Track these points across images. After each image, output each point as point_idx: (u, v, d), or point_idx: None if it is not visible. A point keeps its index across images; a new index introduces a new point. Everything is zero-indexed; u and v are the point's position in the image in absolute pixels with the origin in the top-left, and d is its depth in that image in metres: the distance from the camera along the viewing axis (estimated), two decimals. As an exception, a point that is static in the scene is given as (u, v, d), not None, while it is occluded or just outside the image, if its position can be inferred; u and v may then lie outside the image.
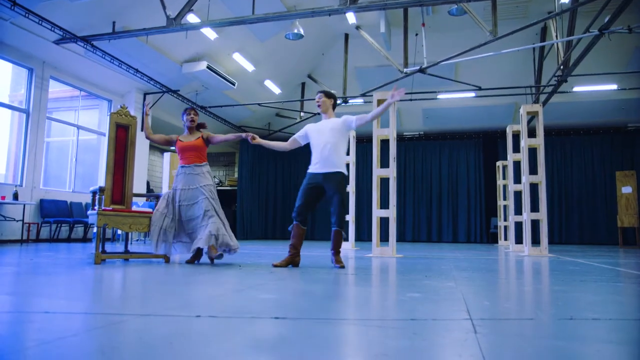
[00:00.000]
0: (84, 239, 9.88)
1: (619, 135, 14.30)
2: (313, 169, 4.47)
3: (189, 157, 4.73)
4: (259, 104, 12.77)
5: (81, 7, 7.85)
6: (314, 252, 7.56)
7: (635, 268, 4.93)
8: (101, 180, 9.53)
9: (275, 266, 4.30)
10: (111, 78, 10.18)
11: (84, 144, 10.90)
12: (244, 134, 4.84)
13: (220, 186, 16.63)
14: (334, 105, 4.64)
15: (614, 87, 11.86)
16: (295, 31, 10.07)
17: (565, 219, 14.42)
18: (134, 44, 8.99)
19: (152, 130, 4.96)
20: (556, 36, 9.74)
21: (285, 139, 15.54)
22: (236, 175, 16.50)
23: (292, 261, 4.43)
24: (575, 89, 11.75)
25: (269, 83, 12.64)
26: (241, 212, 15.03)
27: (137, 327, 1.72)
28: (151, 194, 6.26)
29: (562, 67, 9.55)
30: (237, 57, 10.90)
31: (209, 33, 9.39)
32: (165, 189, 10.27)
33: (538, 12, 9.97)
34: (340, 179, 4.36)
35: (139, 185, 10.56)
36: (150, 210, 4.83)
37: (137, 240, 10.03)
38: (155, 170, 15.40)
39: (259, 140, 4.70)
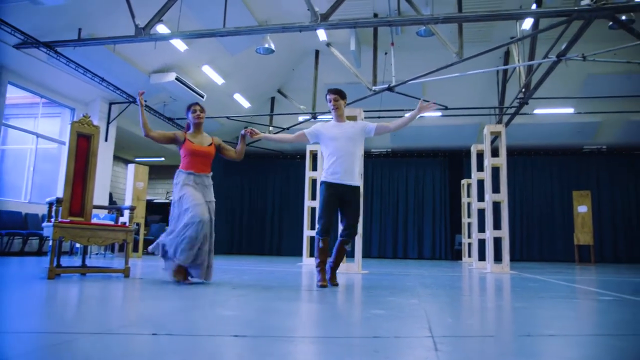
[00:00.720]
0: (39, 253, 9.47)
1: (575, 156, 14.88)
2: (332, 178, 4.06)
3: (200, 164, 4.11)
4: (227, 117, 12.68)
5: (45, 11, 7.64)
6: (279, 267, 7.49)
7: (590, 285, 5.08)
8: (60, 191, 9.22)
9: (322, 286, 3.99)
10: (75, 86, 9.91)
11: (43, 153, 10.53)
12: (242, 131, 4.22)
13: (186, 199, 16.34)
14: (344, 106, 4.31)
15: (571, 110, 12.37)
16: (266, 46, 10.09)
17: (526, 236, 14.81)
18: (100, 52, 8.80)
19: (150, 127, 4.11)
20: (518, 60, 10.10)
21: (254, 153, 15.36)
22: (203, 188, 16.26)
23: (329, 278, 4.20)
24: (536, 111, 12.19)
25: (238, 97, 12.58)
26: (207, 226, 14.77)
27: (87, 347, 1.64)
28: (113, 206, 6.08)
29: (523, 90, 9.89)
30: (207, 69, 10.82)
31: (179, 44, 9.30)
32: (128, 201, 9.99)
33: (501, 36, 10.32)
34: (359, 193, 4.20)
35: (100, 196, 10.24)
36: (112, 222, 4.67)
37: (97, 254, 9.71)
38: (118, 182, 15.02)
39: (260, 135, 4.19)
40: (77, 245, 8.29)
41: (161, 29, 7.89)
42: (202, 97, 11.05)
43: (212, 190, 4.24)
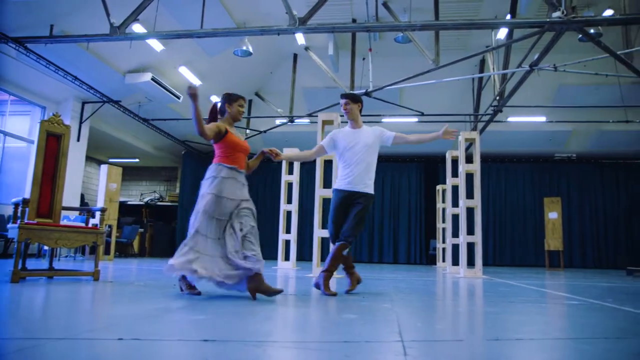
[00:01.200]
0: (5, 255, 9.19)
1: (547, 164, 15.23)
2: (342, 185, 3.98)
3: (241, 160, 3.65)
4: (204, 119, 12.55)
5: (15, 6, 7.44)
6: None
7: (558, 289, 5.20)
8: (29, 192, 8.97)
9: (350, 291, 3.94)
10: (46, 84, 9.67)
11: (12, 151, 10.23)
12: (264, 149, 3.87)
13: (161, 202, 16.11)
14: (361, 110, 4.14)
15: (543, 119, 12.67)
16: (244, 48, 10.05)
17: (499, 241, 15.07)
18: (73, 50, 8.61)
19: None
20: (493, 68, 10.30)
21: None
22: (177, 190, 16.05)
23: (358, 279, 4.08)
24: (510, 119, 12.44)
25: (215, 99, 12.45)
26: (181, 228, 14.56)
27: (51, 353, 1.59)
28: (84, 208, 5.94)
29: (497, 97, 10.09)
30: (184, 70, 10.69)
31: (155, 44, 9.17)
32: (100, 203, 9.78)
33: (477, 45, 10.51)
34: (370, 200, 4.01)
35: (71, 198, 10.02)
36: (82, 224, 4.57)
37: (66, 256, 9.48)
38: (91, 183, 14.70)
39: (282, 156, 3.96)
40: (45, 247, 8.09)
41: (137, 28, 7.76)
42: (179, 98, 10.93)
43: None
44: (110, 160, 15.11)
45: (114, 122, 12.06)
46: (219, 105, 3.82)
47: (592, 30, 8.63)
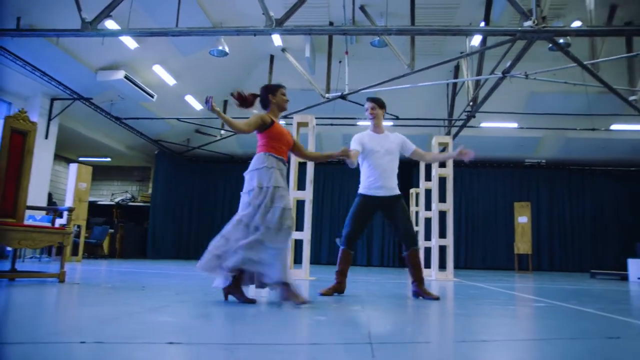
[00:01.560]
0: (-32, 255, 8.87)
1: (518, 169, 15.58)
2: (372, 192, 4.00)
3: (286, 152, 3.55)
4: (178, 119, 12.40)
5: (-19, -1, 7.21)
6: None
7: (526, 292, 5.31)
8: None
9: (323, 294, 3.89)
10: (12, 79, 9.36)
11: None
12: (337, 153, 3.73)
13: (133, 202, 15.81)
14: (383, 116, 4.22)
15: (515, 125, 12.95)
16: (220, 48, 9.96)
17: (470, 244, 15.32)
18: (42, 45, 8.37)
19: (235, 122, 3.32)
20: (467, 75, 10.48)
21: (204, 157, 15.05)
22: (150, 191, 15.78)
23: (339, 288, 4.01)
24: (482, 124, 12.68)
25: (190, 98, 12.32)
26: (153, 229, 14.34)
27: (8, 358, 1.53)
28: (49, 207, 5.78)
29: (471, 103, 10.27)
30: (158, 69, 10.53)
31: (129, 42, 9.01)
32: (69, 203, 9.53)
33: (452, 51, 10.67)
34: (403, 199, 4.07)
35: (37, 197, 9.72)
36: (48, 224, 4.44)
37: (31, 257, 9.21)
38: (59, 182, 14.32)
39: (353, 160, 3.87)
40: (8, 248, 7.84)
41: (110, 24, 7.61)
42: (152, 97, 10.76)
43: None
44: (81, 159, 14.77)
45: (84, 120, 11.77)
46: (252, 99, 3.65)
47: (561, 40, 8.88)
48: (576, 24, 8.91)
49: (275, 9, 7.14)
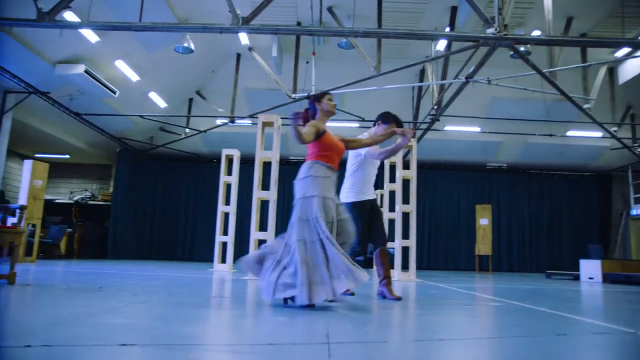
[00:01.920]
0: None
1: (479, 172, 15.98)
2: (365, 197, 4.15)
3: (336, 159, 3.49)
4: (141, 116, 12.11)
5: None
6: (189, 273, 7.24)
7: (485, 292, 5.44)
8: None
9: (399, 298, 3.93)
10: (-37, 71, 8.95)
11: None
12: (399, 130, 3.68)
13: (93, 200, 15.35)
14: None
15: (478, 129, 13.28)
16: (186, 45, 9.80)
17: (433, 246, 15.61)
18: (-5, 36, 8.03)
19: (304, 131, 3.30)
20: (432, 78, 10.68)
21: (168, 155, 14.75)
22: (111, 189, 15.35)
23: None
24: (446, 128, 12.95)
25: (154, 95, 12.06)
26: (114, 229, 13.96)
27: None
28: (1, 205, 5.53)
29: (435, 107, 10.46)
30: (121, 64, 10.26)
31: (90, 35, 8.74)
32: (23, 200, 9.15)
33: (418, 55, 10.84)
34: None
35: (-10, 194, 9.30)
36: (-1, 223, 4.25)
37: (-17, 256, 8.78)
38: (13, 179, 13.76)
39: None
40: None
41: (69, 16, 7.36)
42: (114, 93, 10.47)
43: None
44: (37, 155, 14.22)
45: (41, 115, 11.35)
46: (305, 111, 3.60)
47: (522, 48, 9.15)
48: (536, 33, 9.23)
49: (242, 7, 7.07)
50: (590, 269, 9.67)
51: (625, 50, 10.28)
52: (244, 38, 10.43)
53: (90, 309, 2.75)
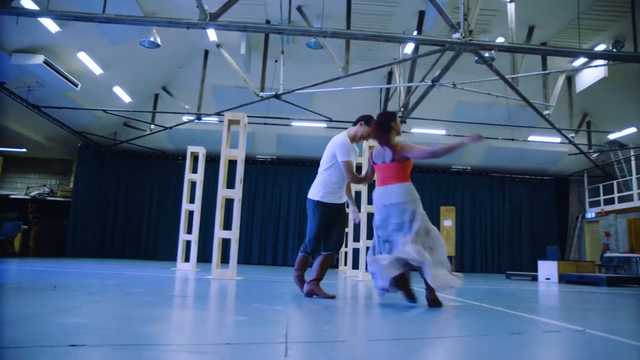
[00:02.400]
0: None
1: (444, 174, 16.30)
2: (333, 200, 4.18)
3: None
4: (104, 111, 11.78)
5: None
6: (151, 272, 7.09)
7: (446, 292, 5.53)
8: None
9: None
10: None
11: None
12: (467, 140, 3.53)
13: (52, 196, 14.83)
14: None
15: (444, 132, 13.53)
16: (152, 39, 9.59)
17: (398, 247, 15.79)
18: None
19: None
20: (399, 81, 10.81)
21: (133, 151, 14.43)
22: (71, 185, 14.87)
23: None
24: (413, 130, 13.13)
25: (118, 90, 11.75)
26: (74, 226, 13.52)
27: None
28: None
29: (402, 109, 10.60)
30: (83, 56, 9.95)
31: (50, 24, 8.43)
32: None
33: (386, 57, 10.96)
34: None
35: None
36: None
37: None
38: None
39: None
40: None
41: (26, 3, 7.08)
42: (76, 86, 10.15)
43: None
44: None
45: (-3, 106, 10.88)
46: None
47: (487, 54, 9.38)
48: (500, 40, 9.47)
49: (211, 3, 6.99)
50: (547, 269, 10.00)
51: (582, 60, 10.69)
52: (212, 34, 10.29)
53: (40, 309, 2.65)
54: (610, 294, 6.46)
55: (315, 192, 4.11)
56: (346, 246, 12.19)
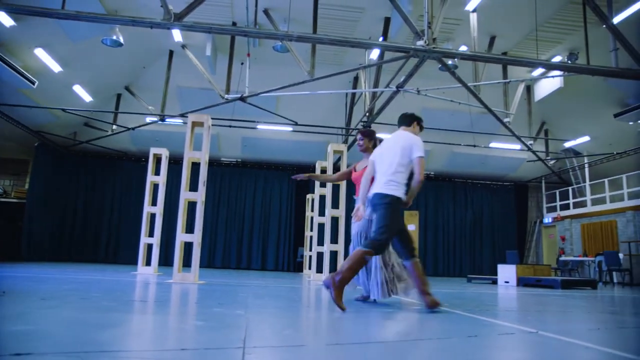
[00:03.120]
0: None
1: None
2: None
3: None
4: (63, 110, 11.41)
5: None
6: (110, 276, 6.89)
7: (407, 296, 5.61)
8: None
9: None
10: None
11: None
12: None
13: (5, 197, 14.22)
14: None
15: (408, 138, 13.73)
16: (114, 38, 9.38)
17: (363, 251, 15.91)
18: None
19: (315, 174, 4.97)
20: (365, 86, 10.93)
21: (93, 152, 14.09)
22: (26, 186, 14.31)
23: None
24: (378, 135, 13.24)
25: (78, 88, 11.42)
26: (29, 228, 13.01)
27: None
28: None
29: (367, 114, 10.72)
30: (41, 53, 9.62)
31: (3, 18, 8.11)
32: None
33: (352, 62, 11.07)
34: None
35: None
36: None
37: None
38: None
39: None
40: None
41: (-20, -3, 6.78)
42: (33, 83, 9.79)
43: None
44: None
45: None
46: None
47: (450, 62, 9.61)
48: (462, 48, 9.72)
49: (176, 3, 6.89)
50: (507, 273, 10.28)
51: (540, 70, 11.09)
52: (177, 35, 10.14)
53: (-13, 316, 2.53)
54: (564, 296, 6.71)
55: (394, 188, 3.82)
56: (310, 250, 12.21)
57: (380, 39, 9.71)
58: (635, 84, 9.70)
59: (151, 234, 8.70)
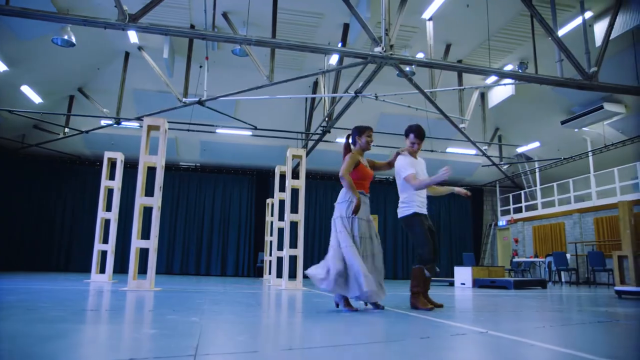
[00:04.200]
0: None
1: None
2: (423, 210, 4.52)
3: (367, 185, 4.31)
4: (10, 111, 10.92)
5: None
6: (62, 285, 6.63)
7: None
8: None
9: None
10: None
11: None
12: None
13: (-55, 204, 13.46)
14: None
15: (367, 142, 13.91)
16: (66, 37, 9.07)
17: (322, 255, 15.97)
18: None
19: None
20: (324, 91, 11.01)
21: (44, 156, 13.58)
22: (-30, 191, 13.59)
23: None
24: (338, 139, 13.38)
25: (26, 89, 10.95)
26: (-28, 236, 12.34)
27: None
28: None
29: (327, 119, 10.79)
30: (-15, 51, 9.19)
31: (-55, 15, 7.69)
32: None
33: (312, 67, 11.14)
34: None
35: None
36: None
37: None
38: None
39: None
40: None
41: None
42: (-23, 83, 9.33)
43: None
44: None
45: None
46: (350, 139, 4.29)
47: (407, 68, 9.82)
48: (419, 55, 9.95)
49: (132, 4, 6.74)
50: (463, 275, 10.56)
51: (493, 78, 11.50)
52: (133, 36, 9.92)
53: None
54: (516, 296, 6.95)
55: (405, 209, 4.53)
56: (270, 255, 12.15)
57: (339, 44, 9.81)
58: (580, 93, 10.21)
59: (105, 241, 8.44)
